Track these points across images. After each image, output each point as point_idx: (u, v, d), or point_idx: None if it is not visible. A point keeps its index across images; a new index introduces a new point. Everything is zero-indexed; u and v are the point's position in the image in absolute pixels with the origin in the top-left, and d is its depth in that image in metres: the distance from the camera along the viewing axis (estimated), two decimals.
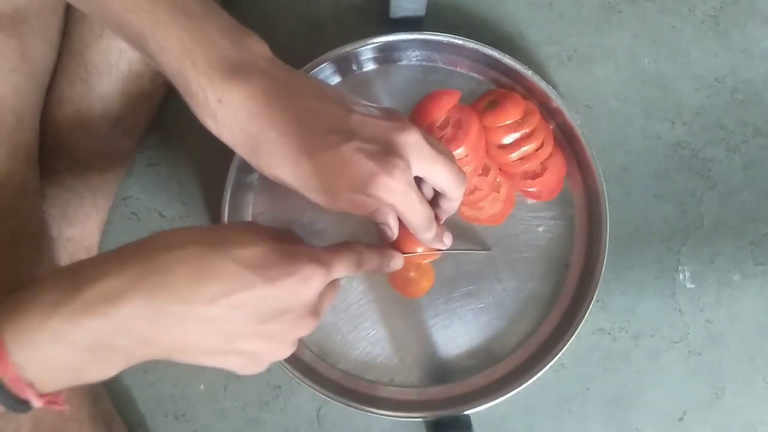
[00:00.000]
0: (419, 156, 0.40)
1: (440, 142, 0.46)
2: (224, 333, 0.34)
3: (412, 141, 0.40)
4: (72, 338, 0.32)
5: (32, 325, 0.32)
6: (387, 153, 0.39)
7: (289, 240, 0.39)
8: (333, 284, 0.41)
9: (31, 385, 0.32)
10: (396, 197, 0.40)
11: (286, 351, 0.38)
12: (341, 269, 0.39)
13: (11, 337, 0.32)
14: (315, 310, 0.38)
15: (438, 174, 0.42)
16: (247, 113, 0.38)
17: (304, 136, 0.38)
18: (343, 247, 0.40)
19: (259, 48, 0.39)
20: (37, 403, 0.33)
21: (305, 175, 0.39)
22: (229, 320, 0.34)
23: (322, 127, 0.39)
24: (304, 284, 0.36)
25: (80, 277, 0.33)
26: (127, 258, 0.34)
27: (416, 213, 0.42)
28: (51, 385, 0.33)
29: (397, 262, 0.45)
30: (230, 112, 0.37)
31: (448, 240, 0.48)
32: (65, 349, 0.32)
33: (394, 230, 0.43)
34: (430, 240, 0.45)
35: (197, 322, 0.34)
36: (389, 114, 0.41)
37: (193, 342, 0.34)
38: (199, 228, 0.36)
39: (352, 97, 0.41)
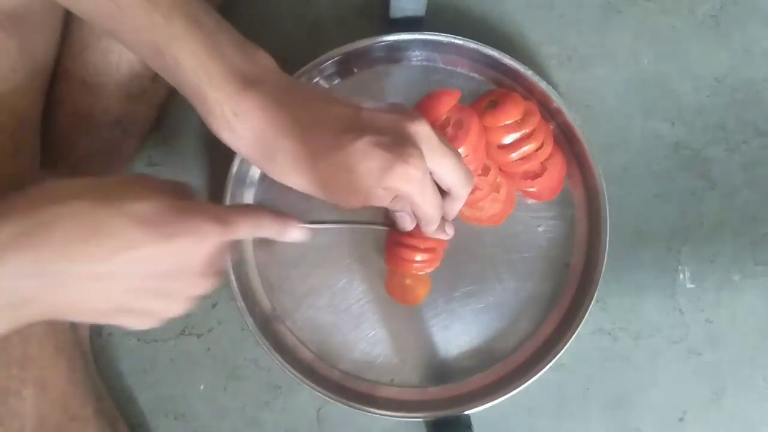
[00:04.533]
0: (430, 147, 0.40)
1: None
2: (114, 292, 0.33)
3: (423, 131, 0.40)
4: None
5: None
6: (401, 143, 0.39)
7: (185, 195, 0.37)
8: (229, 244, 0.38)
9: None
10: (413, 186, 0.40)
11: (182, 308, 0.36)
12: (240, 230, 0.37)
13: None
14: (212, 269, 0.36)
15: (446, 168, 0.42)
16: (262, 124, 0.38)
17: (318, 140, 0.39)
18: (242, 208, 0.39)
19: (266, 61, 0.40)
20: None
21: (322, 178, 0.39)
22: (119, 279, 0.32)
23: (334, 128, 0.39)
24: (200, 242, 0.34)
25: None
26: (9, 212, 0.31)
27: (430, 202, 0.42)
28: None
29: (296, 233, 0.42)
30: (246, 124, 0.38)
31: (450, 230, 0.48)
32: None
33: (412, 217, 0.44)
34: (434, 231, 0.46)
35: (85, 282, 0.31)
36: (397, 107, 0.42)
37: (81, 301, 0.32)
38: (90, 179, 0.34)
39: (357, 99, 0.42)
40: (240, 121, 0.38)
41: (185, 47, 0.37)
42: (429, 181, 0.41)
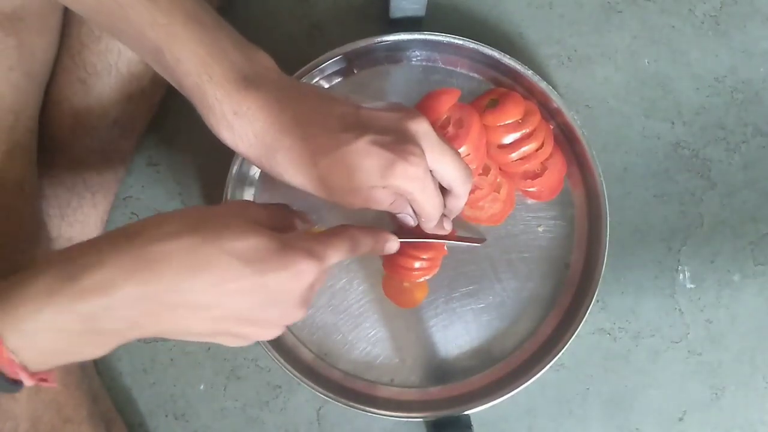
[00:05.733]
0: (430, 145, 0.41)
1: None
2: (213, 319, 0.35)
3: (423, 129, 0.41)
4: (65, 326, 0.33)
5: (27, 315, 0.32)
6: (401, 142, 0.39)
7: (284, 221, 0.39)
8: (324, 271, 0.41)
9: (24, 368, 0.33)
10: (414, 184, 0.40)
11: (274, 334, 0.39)
12: (335, 258, 0.39)
13: (6, 325, 0.32)
14: (305, 300, 0.38)
15: (447, 165, 0.42)
16: (262, 123, 0.39)
17: (319, 139, 0.39)
18: (337, 234, 0.40)
19: (266, 61, 0.40)
20: (29, 382, 0.34)
21: (323, 176, 0.40)
22: (219, 309, 0.35)
23: (334, 126, 0.39)
24: (297, 278, 0.36)
25: (74, 265, 0.33)
26: (121, 247, 0.34)
27: (432, 200, 0.42)
28: (44, 365, 0.34)
29: (393, 244, 0.45)
30: (246, 123, 0.38)
31: (448, 225, 0.49)
32: (59, 335, 0.33)
33: (414, 216, 0.45)
34: (433, 227, 0.46)
35: (188, 310, 0.34)
36: (397, 106, 0.42)
37: (183, 326, 0.35)
38: (194, 213, 0.36)
39: (357, 99, 0.42)
40: (240, 120, 0.38)
41: (186, 46, 0.37)
42: (430, 179, 0.41)
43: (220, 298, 0.34)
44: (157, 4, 0.36)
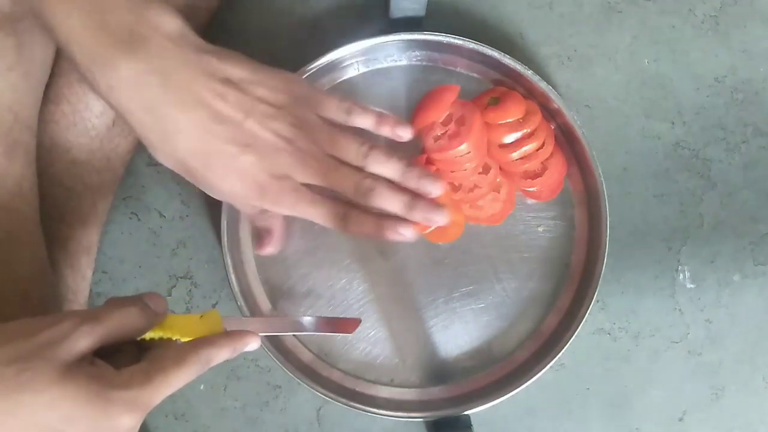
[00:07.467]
0: (303, 171, 0.40)
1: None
2: None
3: (298, 161, 0.40)
4: None
5: None
6: (275, 175, 0.39)
7: (125, 331, 0.34)
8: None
9: None
10: (288, 212, 0.40)
11: None
12: (171, 391, 0.34)
13: None
14: None
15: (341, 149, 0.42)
16: (131, 100, 0.36)
17: (199, 140, 0.38)
18: (181, 361, 0.35)
19: (157, 20, 0.36)
20: None
21: (194, 170, 0.39)
22: None
23: (218, 135, 0.38)
24: None
25: None
26: None
27: (315, 216, 0.42)
28: None
29: (253, 345, 0.40)
30: (120, 96, 0.36)
31: (440, 217, 0.43)
32: None
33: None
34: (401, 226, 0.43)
35: None
36: (284, 120, 0.40)
37: None
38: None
39: (249, 73, 0.39)
40: (114, 93, 0.35)
41: (57, 12, 0.34)
42: (301, 201, 0.41)
43: None
44: None
